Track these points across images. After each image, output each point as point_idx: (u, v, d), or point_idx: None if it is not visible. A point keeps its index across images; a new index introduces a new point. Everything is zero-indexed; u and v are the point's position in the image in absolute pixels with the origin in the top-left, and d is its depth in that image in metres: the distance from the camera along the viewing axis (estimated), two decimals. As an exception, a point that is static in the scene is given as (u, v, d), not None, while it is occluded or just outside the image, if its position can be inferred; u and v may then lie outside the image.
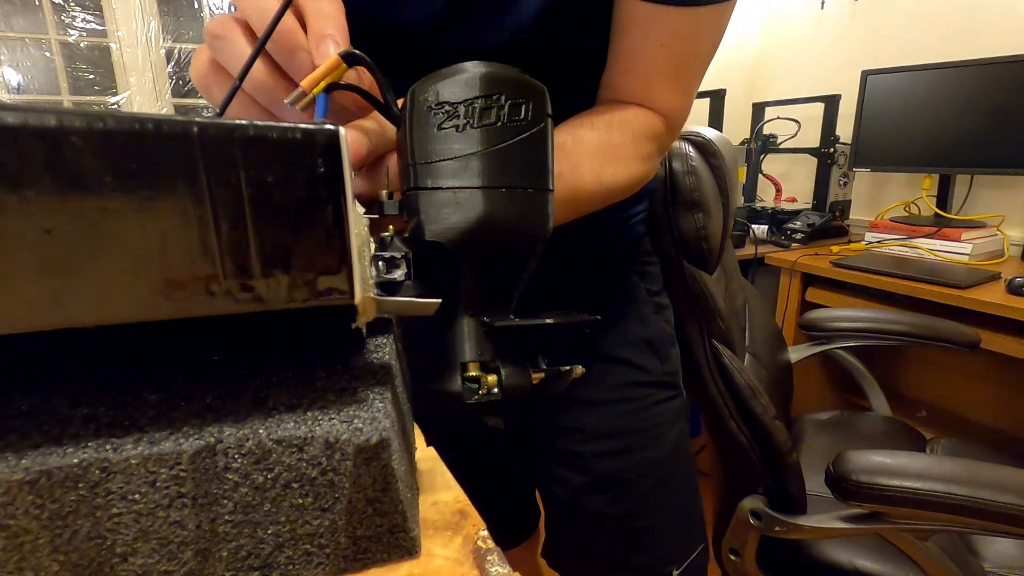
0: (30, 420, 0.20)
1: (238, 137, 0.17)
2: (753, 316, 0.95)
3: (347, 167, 0.19)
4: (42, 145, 0.15)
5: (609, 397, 0.55)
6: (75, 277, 0.16)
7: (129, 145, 0.16)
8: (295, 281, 0.19)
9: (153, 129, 0.16)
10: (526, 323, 0.26)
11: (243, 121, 0.17)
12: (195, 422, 0.21)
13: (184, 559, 0.20)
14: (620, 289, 0.57)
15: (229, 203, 0.17)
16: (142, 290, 0.17)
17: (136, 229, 0.16)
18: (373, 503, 0.23)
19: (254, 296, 0.18)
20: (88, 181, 0.16)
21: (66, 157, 0.15)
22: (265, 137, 0.18)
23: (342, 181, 0.19)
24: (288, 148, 0.18)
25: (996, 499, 0.58)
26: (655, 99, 0.44)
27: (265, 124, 0.18)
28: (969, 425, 1.62)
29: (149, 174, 0.16)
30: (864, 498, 0.62)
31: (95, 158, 0.16)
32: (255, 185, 0.18)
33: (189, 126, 0.17)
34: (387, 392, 0.24)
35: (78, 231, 0.16)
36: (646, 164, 0.45)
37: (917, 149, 1.54)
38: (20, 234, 0.15)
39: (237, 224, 0.18)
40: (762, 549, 0.81)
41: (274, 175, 0.18)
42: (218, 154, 0.17)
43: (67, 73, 1.62)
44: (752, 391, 0.73)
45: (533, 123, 0.23)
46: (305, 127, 0.18)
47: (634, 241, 0.59)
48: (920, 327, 1.08)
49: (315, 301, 0.19)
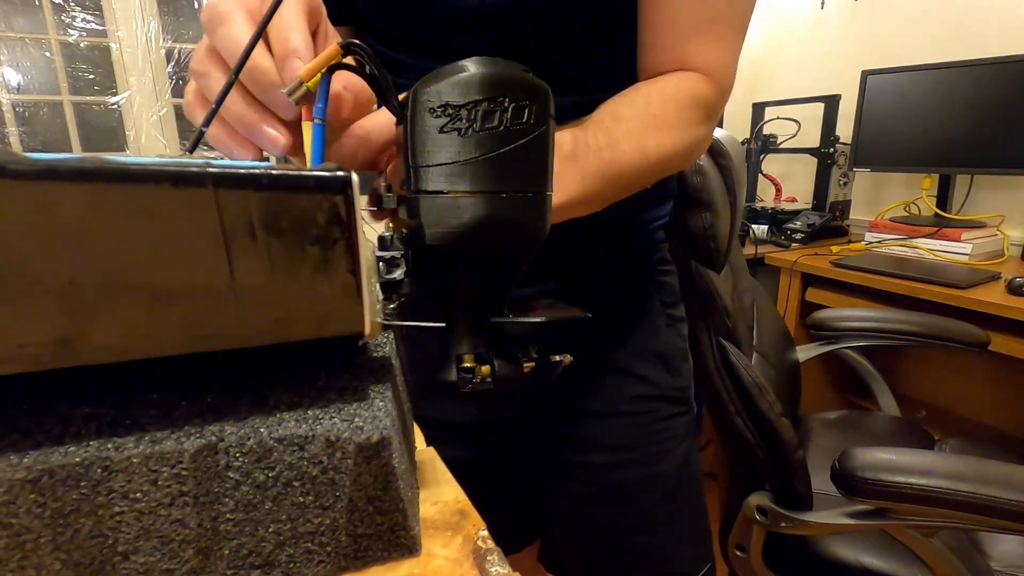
0: (32, 419, 0.20)
1: (253, 184, 0.18)
2: (761, 315, 0.95)
3: (358, 209, 0.19)
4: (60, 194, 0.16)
5: (617, 409, 0.54)
6: (96, 319, 0.17)
7: (148, 194, 0.16)
8: (308, 318, 0.20)
9: (170, 178, 0.17)
10: (519, 320, 0.26)
11: (258, 170, 0.18)
12: (196, 421, 0.21)
13: (185, 557, 0.20)
14: (633, 301, 0.55)
15: (245, 247, 0.18)
16: (162, 330, 0.18)
17: (156, 271, 0.17)
18: (374, 501, 0.23)
19: (269, 331, 0.19)
20: (108, 230, 0.16)
21: (89, 205, 0.16)
22: (279, 183, 0.18)
23: (354, 224, 0.19)
24: (302, 194, 0.18)
25: (1001, 496, 0.58)
26: (693, 58, 0.42)
27: (280, 172, 0.18)
28: (969, 425, 1.62)
29: (168, 221, 0.17)
30: (869, 494, 0.62)
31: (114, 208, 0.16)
32: (269, 229, 0.18)
33: (204, 176, 0.17)
34: (387, 391, 0.24)
35: (98, 277, 0.17)
36: (693, 131, 0.42)
37: (917, 149, 1.54)
38: (44, 282, 0.16)
39: (253, 267, 0.18)
40: (768, 545, 0.81)
41: (288, 220, 0.18)
42: (234, 200, 0.17)
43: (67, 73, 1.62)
44: (759, 388, 0.73)
45: (535, 126, 0.23)
46: (319, 174, 0.19)
47: (651, 249, 0.57)
48: (928, 327, 1.08)
49: (327, 334, 0.20)
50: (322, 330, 0.20)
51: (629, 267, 0.55)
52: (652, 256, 0.57)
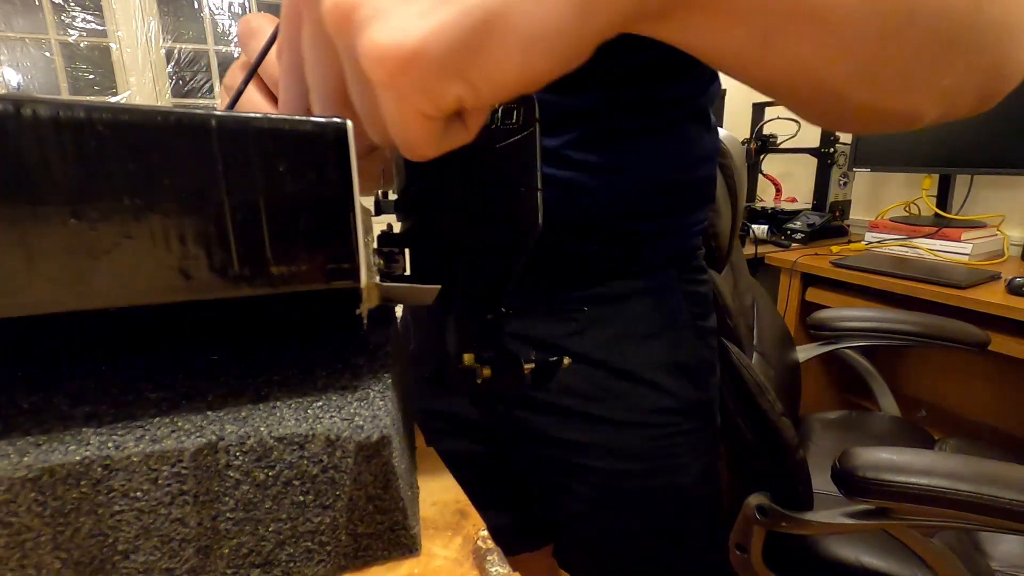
0: (33, 418, 0.20)
1: (252, 128, 0.18)
2: (761, 315, 0.96)
3: (353, 157, 0.20)
4: (70, 135, 0.16)
5: (634, 420, 0.51)
6: (98, 260, 0.17)
7: (151, 136, 0.17)
8: (305, 264, 0.20)
9: (174, 121, 0.17)
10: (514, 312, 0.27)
11: (257, 114, 0.18)
12: (196, 420, 0.21)
13: (186, 556, 0.20)
14: (657, 310, 0.51)
15: (243, 190, 0.18)
16: (161, 274, 0.18)
17: (156, 216, 0.17)
18: (374, 500, 0.23)
19: (266, 279, 0.19)
20: (113, 170, 0.17)
21: (92, 147, 0.16)
22: (278, 129, 0.18)
23: (349, 169, 0.20)
24: (299, 139, 0.19)
25: (1002, 495, 0.58)
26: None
27: (278, 117, 0.18)
28: (969, 425, 1.62)
29: (169, 163, 0.17)
30: (870, 494, 0.62)
31: (119, 148, 0.17)
32: (268, 173, 0.18)
33: (208, 119, 0.17)
34: (388, 390, 0.24)
35: (101, 217, 0.17)
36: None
37: (917, 149, 1.54)
38: (48, 219, 0.16)
39: (251, 211, 0.18)
40: (768, 545, 0.81)
41: (286, 164, 0.19)
42: (234, 145, 0.18)
43: (67, 73, 1.62)
44: (759, 388, 0.73)
45: (524, 126, 0.24)
46: (315, 120, 0.19)
47: (685, 256, 0.53)
48: (929, 327, 1.08)
49: (323, 284, 0.20)
50: (320, 276, 0.20)
51: (657, 274, 0.51)
52: (686, 264, 0.53)
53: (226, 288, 0.19)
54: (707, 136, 0.50)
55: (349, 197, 0.20)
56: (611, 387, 0.51)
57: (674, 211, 0.50)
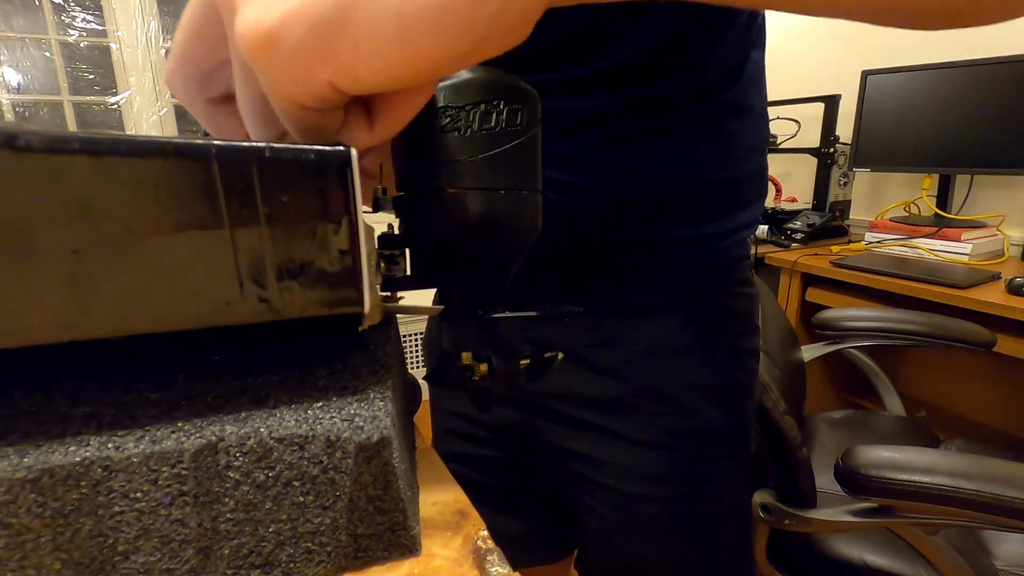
0: (32, 419, 0.20)
1: (254, 158, 0.18)
2: (766, 314, 0.95)
3: (357, 184, 0.19)
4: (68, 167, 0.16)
5: (655, 441, 0.47)
6: (100, 292, 0.17)
7: (152, 167, 0.17)
8: (309, 294, 0.20)
9: (174, 152, 0.17)
10: (515, 315, 0.27)
11: (259, 144, 0.18)
12: (196, 421, 0.21)
13: (186, 557, 0.20)
14: (688, 326, 0.47)
15: (246, 221, 0.18)
16: (164, 303, 0.18)
17: (158, 246, 0.17)
18: (374, 501, 0.23)
19: (270, 307, 0.19)
20: (113, 203, 0.17)
21: (91, 180, 0.16)
22: (280, 158, 0.18)
23: (353, 198, 0.19)
24: (302, 168, 0.18)
25: (1006, 494, 0.58)
26: None
27: (280, 146, 0.18)
28: (971, 425, 1.62)
29: (171, 195, 0.17)
30: (873, 492, 0.62)
31: (120, 181, 0.16)
32: (271, 203, 0.18)
33: (208, 149, 0.17)
34: (388, 390, 0.24)
35: (103, 250, 0.17)
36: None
37: (917, 149, 1.54)
38: (49, 254, 0.16)
39: (254, 240, 0.18)
40: (772, 543, 0.81)
41: (289, 194, 0.18)
42: (235, 175, 0.18)
43: (67, 73, 1.62)
44: (763, 387, 0.73)
45: (528, 128, 0.24)
46: (319, 148, 0.19)
47: (727, 266, 0.48)
48: (934, 327, 1.07)
49: (327, 311, 0.20)
50: (323, 305, 0.20)
51: (691, 287, 0.46)
52: (728, 276, 0.48)
53: (227, 317, 0.19)
54: (750, 127, 0.45)
55: (353, 225, 0.20)
56: (632, 404, 0.48)
57: (717, 214, 0.45)
